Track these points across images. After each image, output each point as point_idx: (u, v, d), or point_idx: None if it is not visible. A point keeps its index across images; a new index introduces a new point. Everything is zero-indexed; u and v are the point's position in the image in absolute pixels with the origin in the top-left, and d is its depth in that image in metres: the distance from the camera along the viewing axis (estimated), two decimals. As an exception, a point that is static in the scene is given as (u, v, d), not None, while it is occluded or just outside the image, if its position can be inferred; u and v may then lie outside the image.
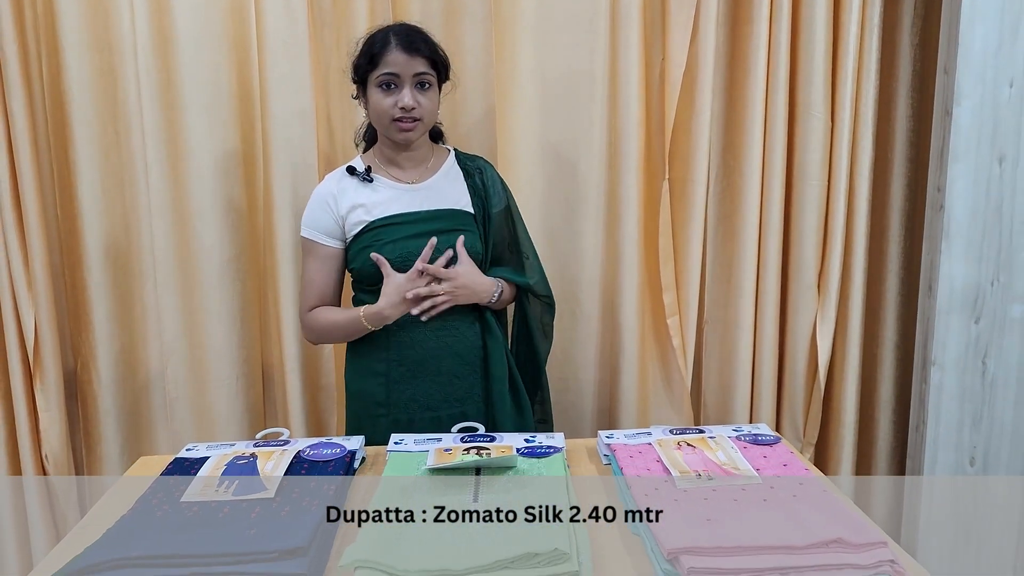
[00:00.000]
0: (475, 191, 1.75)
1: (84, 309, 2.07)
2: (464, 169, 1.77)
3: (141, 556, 1.15)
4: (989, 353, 2.01)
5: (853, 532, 1.20)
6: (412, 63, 1.62)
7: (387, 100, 1.63)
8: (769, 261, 2.17)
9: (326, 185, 1.74)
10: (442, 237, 1.69)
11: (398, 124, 1.64)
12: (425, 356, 1.72)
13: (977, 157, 1.94)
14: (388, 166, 1.74)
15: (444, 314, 1.70)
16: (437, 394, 1.74)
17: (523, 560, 1.13)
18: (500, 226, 1.79)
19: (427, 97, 1.65)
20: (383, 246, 1.68)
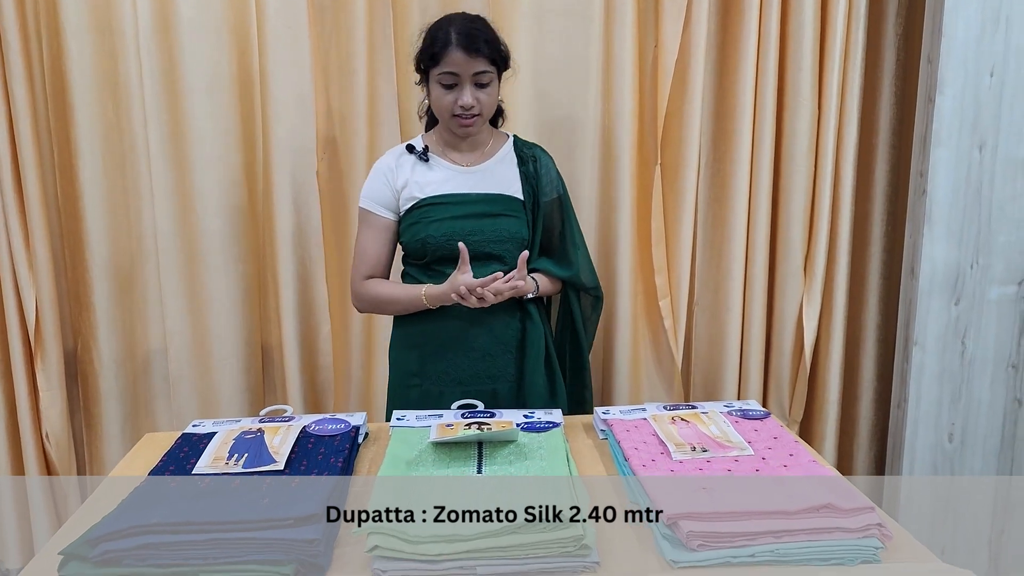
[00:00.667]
0: (527, 178, 1.79)
1: (85, 290, 2.09)
2: (519, 156, 1.80)
3: (159, 523, 1.18)
4: (968, 333, 2.08)
5: (842, 498, 1.26)
6: (472, 63, 1.64)
7: (447, 97, 1.67)
8: (757, 244, 2.23)
9: (386, 159, 1.80)
10: (487, 220, 1.74)
11: (458, 120, 1.69)
12: (460, 332, 1.77)
13: (958, 144, 2.00)
14: (446, 148, 1.79)
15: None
16: (468, 369, 1.79)
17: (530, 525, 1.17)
18: (550, 214, 1.82)
19: (486, 93, 1.68)
20: (430, 223, 1.73)
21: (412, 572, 1.15)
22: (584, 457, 1.55)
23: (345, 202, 2.19)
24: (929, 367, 2.09)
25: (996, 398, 2.11)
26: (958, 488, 2.15)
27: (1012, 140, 2.00)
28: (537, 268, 1.82)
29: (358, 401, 2.26)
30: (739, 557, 1.17)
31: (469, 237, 1.72)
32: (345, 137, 2.15)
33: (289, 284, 2.13)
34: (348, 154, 2.16)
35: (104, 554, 1.14)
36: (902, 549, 1.22)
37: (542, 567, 1.15)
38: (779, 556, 1.17)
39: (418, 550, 1.15)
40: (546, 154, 1.84)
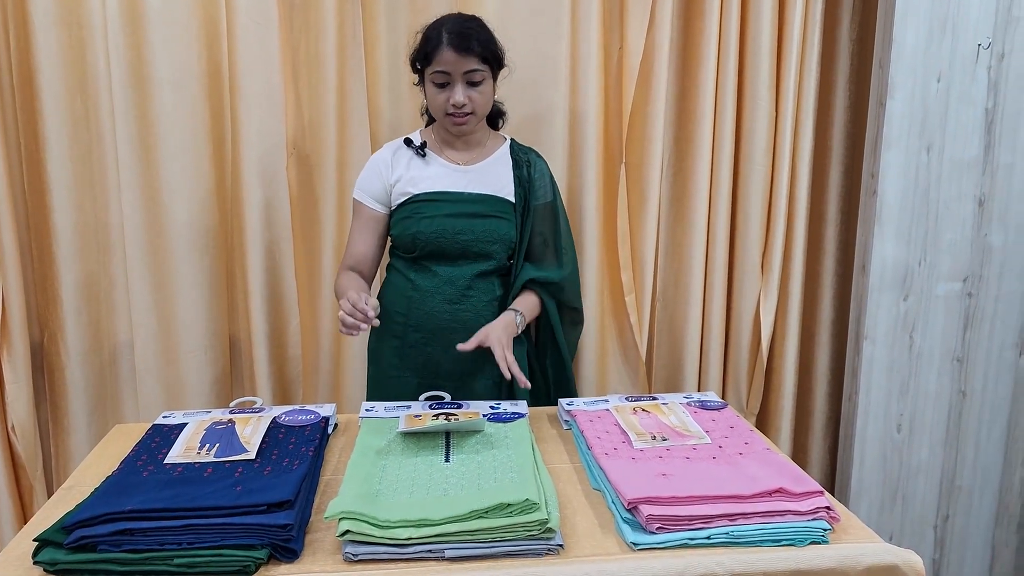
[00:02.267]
0: (520, 181, 1.82)
1: (52, 282, 2.08)
2: (515, 159, 1.84)
3: (134, 510, 1.20)
4: (916, 328, 2.16)
5: (793, 483, 1.32)
6: (463, 62, 1.68)
7: (440, 96, 1.71)
8: (717, 242, 2.28)
9: (382, 152, 1.84)
10: (478, 221, 1.78)
11: (451, 119, 1.73)
12: (440, 326, 1.80)
13: (907, 146, 2.08)
14: (443, 146, 1.83)
15: (464, 291, 1.79)
16: (445, 364, 1.82)
17: (497, 510, 1.22)
18: (541, 219, 1.85)
19: (479, 91, 1.71)
20: (422, 219, 1.77)
21: (382, 556, 1.18)
22: (549, 446, 1.60)
23: (314, 197, 2.20)
24: (879, 360, 2.17)
25: (942, 390, 2.20)
26: (906, 476, 2.23)
27: (958, 143, 2.08)
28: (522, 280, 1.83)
29: (327, 393, 2.29)
30: (696, 539, 1.22)
31: (459, 236, 1.77)
32: (314, 132, 2.17)
33: (258, 277, 2.14)
34: (317, 149, 2.18)
35: (79, 540, 1.16)
36: (849, 531, 1.28)
37: (508, 550, 1.19)
38: (734, 538, 1.23)
39: (388, 534, 1.19)
40: (542, 160, 1.88)
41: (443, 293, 1.79)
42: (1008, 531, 2.28)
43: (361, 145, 2.14)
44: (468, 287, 1.79)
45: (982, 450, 2.23)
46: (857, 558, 1.21)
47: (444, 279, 1.79)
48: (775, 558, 1.20)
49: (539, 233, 1.85)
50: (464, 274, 1.79)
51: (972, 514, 2.26)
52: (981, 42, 2.04)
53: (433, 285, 1.79)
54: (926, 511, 2.25)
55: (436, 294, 1.79)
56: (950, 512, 2.26)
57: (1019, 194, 2.11)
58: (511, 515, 1.21)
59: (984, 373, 2.20)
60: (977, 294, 2.16)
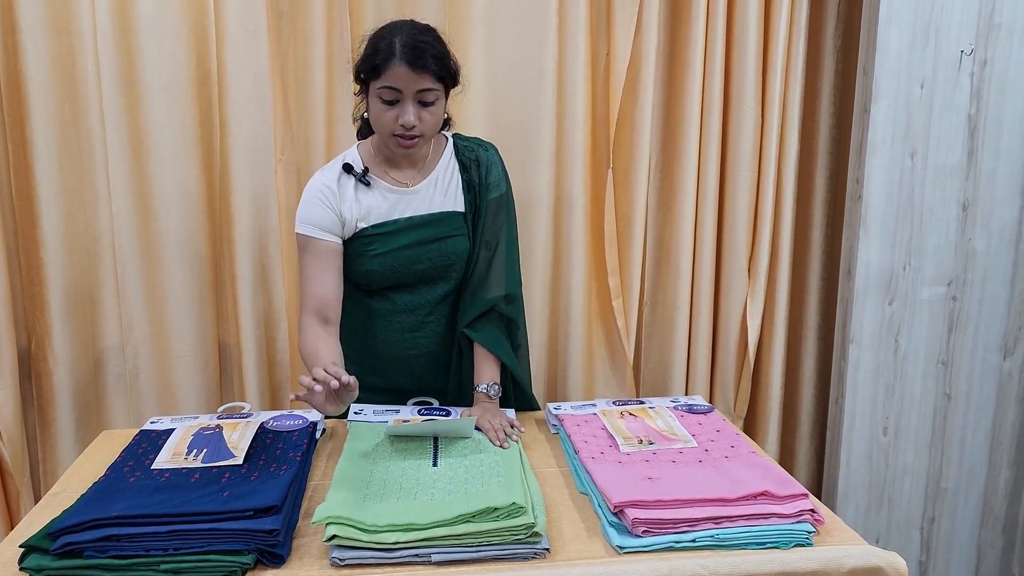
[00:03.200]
0: (469, 186, 1.68)
1: (39, 288, 2.08)
2: (461, 162, 1.69)
3: (120, 516, 1.21)
4: (901, 332, 2.18)
5: (778, 486, 1.33)
6: (417, 80, 1.50)
7: (387, 114, 1.53)
8: (704, 246, 2.30)
9: (324, 180, 1.64)
10: (432, 246, 1.66)
11: (397, 140, 1.56)
12: (399, 355, 1.73)
13: (891, 151, 2.09)
14: (385, 164, 1.66)
15: (424, 318, 1.71)
16: (407, 386, 1.77)
17: (484, 514, 1.22)
18: (494, 213, 1.71)
19: (430, 111, 1.54)
20: (374, 258, 1.65)
21: (369, 560, 1.19)
22: (536, 450, 1.61)
23: (303, 202, 2.20)
24: (865, 364, 2.18)
25: (927, 393, 2.21)
26: (892, 478, 2.24)
27: (941, 148, 2.10)
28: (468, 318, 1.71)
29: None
30: (681, 542, 1.23)
31: (415, 266, 1.67)
32: (303, 138, 2.17)
33: (247, 283, 2.14)
34: (306, 155, 2.18)
35: (65, 546, 1.16)
36: (834, 533, 1.29)
37: (495, 554, 1.20)
38: (719, 541, 1.24)
39: (375, 539, 1.19)
40: (488, 150, 1.72)
41: (402, 322, 1.71)
42: (994, 533, 2.30)
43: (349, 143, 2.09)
44: (428, 314, 1.71)
45: (967, 452, 2.25)
46: (841, 560, 1.22)
47: (402, 307, 1.70)
48: (760, 560, 1.21)
49: (485, 243, 1.70)
50: (424, 301, 1.70)
51: (958, 516, 2.28)
52: (964, 48, 2.06)
53: (391, 314, 1.71)
54: (912, 513, 2.27)
55: (394, 323, 1.71)
56: (936, 514, 2.27)
57: (1002, 199, 2.13)
58: (498, 519, 1.22)
59: (969, 376, 2.22)
60: (961, 298, 2.17)
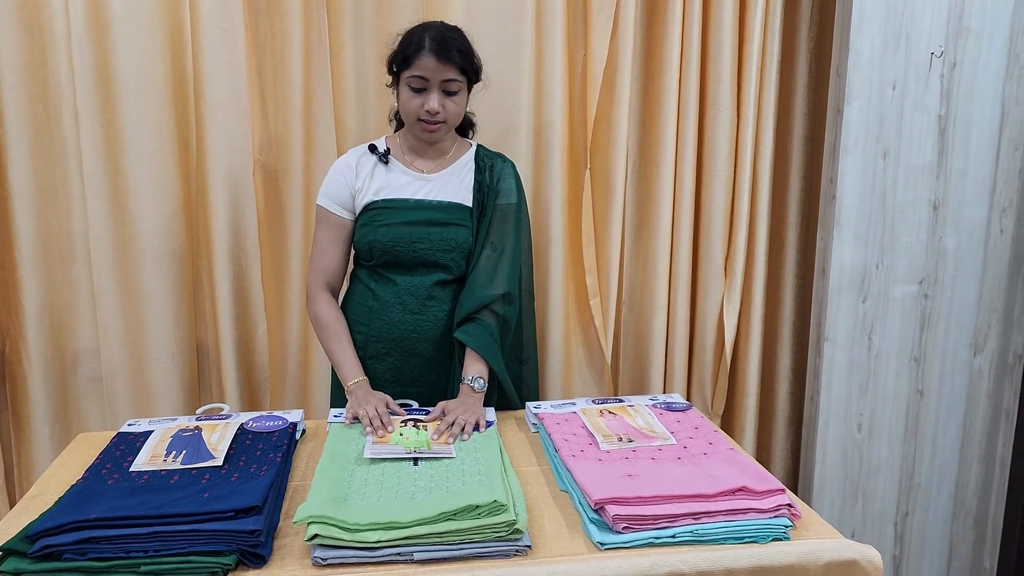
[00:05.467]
0: (480, 186, 1.80)
1: (13, 290, 2.05)
2: (478, 164, 1.82)
3: (99, 518, 1.20)
4: (874, 329, 2.21)
5: (755, 481, 1.35)
6: (442, 70, 1.66)
7: (414, 101, 1.69)
8: (681, 246, 2.32)
9: (347, 158, 1.81)
10: (436, 229, 1.76)
11: (422, 124, 1.71)
12: (401, 336, 1.79)
13: (864, 152, 2.12)
14: (409, 153, 1.81)
15: (425, 301, 1.78)
16: (408, 373, 1.82)
17: (465, 512, 1.23)
18: (501, 218, 1.80)
19: (454, 101, 1.70)
20: (379, 227, 1.75)
21: (351, 559, 1.19)
22: (516, 449, 1.62)
23: (281, 203, 2.20)
24: (839, 361, 2.21)
25: (900, 390, 2.25)
26: (866, 474, 2.27)
27: (912, 149, 2.13)
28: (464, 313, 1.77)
29: (295, 400, 2.28)
30: (661, 538, 1.24)
31: (415, 244, 1.75)
32: (281, 138, 2.16)
33: (224, 283, 2.13)
34: (284, 155, 2.17)
35: (44, 549, 1.15)
36: (811, 528, 1.31)
37: (477, 551, 1.21)
38: (698, 536, 1.25)
39: (357, 538, 1.20)
40: (506, 162, 1.85)
41: (403, 303, 1.78)
42: (965, 527, 2.34)
43: (327, 151, 2.14)
44: (428, 296, 1.78)
45: (939, 448, 2.29)
46: (817, 554, 1.24)
47: (404, 289, 1.78)
48: (738, 555, 1.23)
49: (491, 244, 1.80)
50: (423, 283, 1.78)
51: (930, 510, 2.32)
52: (934, 51, 2.10)
53: (393, 295, 1.79)
54: (886, 508, 2.30)
55: (396, 304, 1.79)
56: (909, 508, 2.31)
57: (971, 198, 2.17)
58: (479, 517, 1.22)
59: (940, 373, 2.25)
60: (933, 296, 2.21)
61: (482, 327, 1.77)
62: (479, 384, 1.74)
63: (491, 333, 1.78)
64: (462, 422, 1.62)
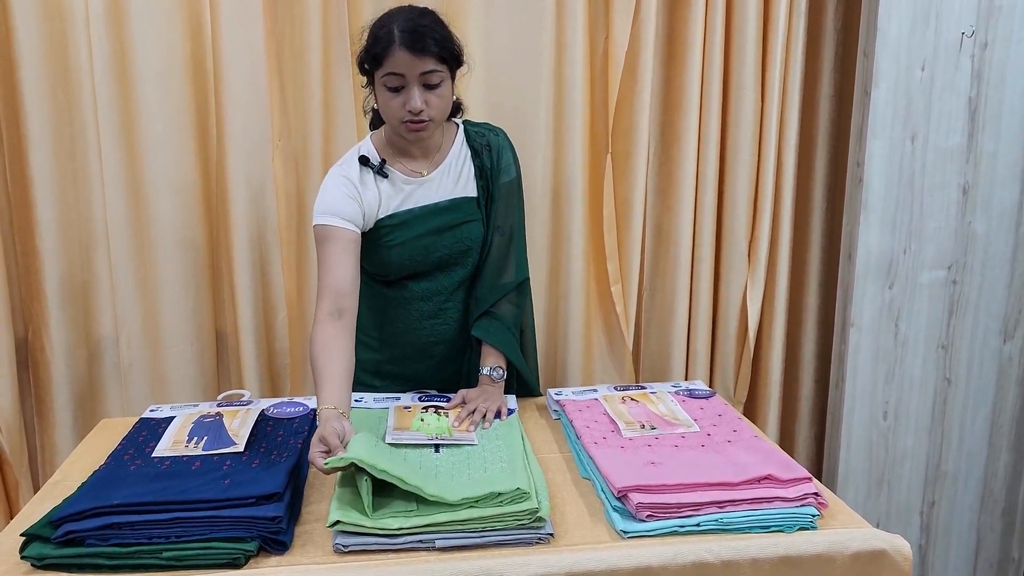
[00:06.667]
0: (482, 172, 1.69)
1: (36, 276, 2.06)
2: (473, 148, 1.70)
3: (122, 504, 1.20)
4: (901, 316, 2.17)
5: (781, 470, 1.33)
6: (418, 63, 1.49)
7: (394, 102, 1.53)
8: (704, 231, 2.28)
9: (343, 172, 1.63)
10: (447, 234, 1.67)
11: (407, 126, 1.54)
12: (417, 342, 1.74)
13: (892, 135, 2.08)
14: (399, 156, 1.66)
15: (442, 305, 1.72)
16: (425, 373, 1.77)
17: (487, 499, 1.22)
18: (506, 197, 1.72)
19: (437, 95, 1.53)
20: (391, 248, 1.65)
21: (372, 546, 1.19)
22: (538, 436, 1.61)
23: (301, 188, 2.19)
24: (865, 348, 2.17)
25: (927, 377, 2.21)
26: (892, 462, 2.24)
27: (941, 131, 2.09)
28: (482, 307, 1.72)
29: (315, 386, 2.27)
30: (685, 526, 1.23)
31: (431, 255, 1.67)
32: (300, 124, 2.15)
33: (244, 270, 2.13)
34: (304, 141, 2.16)
35: (67, 534, 1.16)
36: (837, 517, 1.29)
37: (499, 539, 1.20)
38: (723, 524, 1.24)
39: (378, 524, 1.19)
40: (498, 135, 1.73)
41: (419, 310, 1.72)
42: (993, 516, 2.31)
43: (347, 136, 2.12)
44: (446, 300, 1.72)
45: (967, 436, 2.25)
46: (845, 543, 1.23)
47: (419, 295, 1.71)
48: (764, 544, 1.21)
49: (499, 228, 1.71)
50: (440, 288, 1.71)
51: (957, 500, 2.28)
52: (964, 31, 2.05)
53: (407, 301, 1.71)
54: (912, 497, 2.27)
55: (411, 311, 1.72)
56: (936, 498, 2.28)
57: (1002, 181, 2.13)
58: (501, 504, 1.22)
59: (968, 360, 2.21)
60: (961, 281, 2.17)
61: (499, 321, 1.73)
62: (498, 374, 1.71)
63: (508, 327, 1.74)
64: (483, 410, 1.61)
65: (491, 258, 1.72)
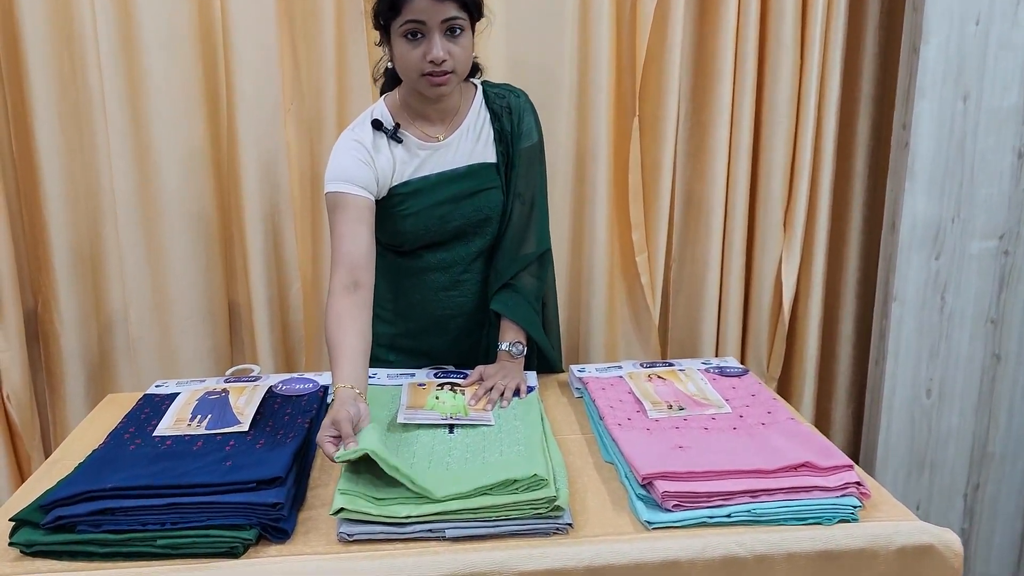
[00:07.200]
0: (501, 136, 1.61)
1: (44, 248, 2.02)
2: (492, 111, 1.61)
3: (115, 487, 1.15)
4: (948, 288, 2.06)
5: (820, 456, 1.24)
6: (440, 8, 1.41)
7: (414, 52, 1.44)
8: (737, 199, 2.18)
9: (356, 136, 1.55)
10: (466, 202, 1.59)
11: (428, 79, 1.45)
12: (433, 315, 1.68)
13: (942, 95, 1.96)
14: (415, 119, 1.58)
15: (459, 276, 1.65)
16: (441, 347, 1.71)
17: (502, 486, 1.15)
18: (529, 163, 1.64)
19: (459, 44, 1.44)
20: (405, 218, 1.57)
21: (379, 535, 1.12)
22: (558, 415, 1.54)
23: (314, 155, 2.12)
24: (908, 323, 2.07)
25: (975, 353, 2.10)
26: (935, 443, 2.15)
27: (996, 91, 1.96)
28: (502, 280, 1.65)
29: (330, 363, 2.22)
30: (716, 517, 1.15)
31: (448, 224, 1.60)
32: (313, 89, 2.07)
33: (256, 241, 2.07)
34: (317, 105, 2.08)
35: (57, 520, 1.11)
36: (881, 508, 1.21)
37: (513, 529, 1.13)
38: (756, 516, 1.16)
39: (386, 512, 1.13)
40: (519, 96, 1.65)
41: (435, 281, 1.65)
42: (1041, 499, 2.21)
43: (363, 100, 2.03)
44: (464, 271, 1.65)
45: (1016, 416, 2.14)
46: (890, 537, 1.14)
47: (436, 265, 1.64)
48: (800, 538, 1.13)
49: (519, 195, 1.63)
50: (458, 258, 1.64)
51: (1004, 483, 2.19)
52: (1023, -20, 1.91)
53: (424, 272, 1.65)
54: (955, 480, 2.18)
55: (428, 283, 1.65)
56: (981, 481, 2.18)
57: (1061, 145, 1.99)
58: (517, 492, 1.15)
59: (1020, 335, 2.10)
60: (1014, 252, 2.05)
61: (519, 295, 1.65)
62: (517, 349, 1.64)
63: (528, 300, 1.66)
64: (501, 387, 1.54)
65: (511, 228, 1.65)
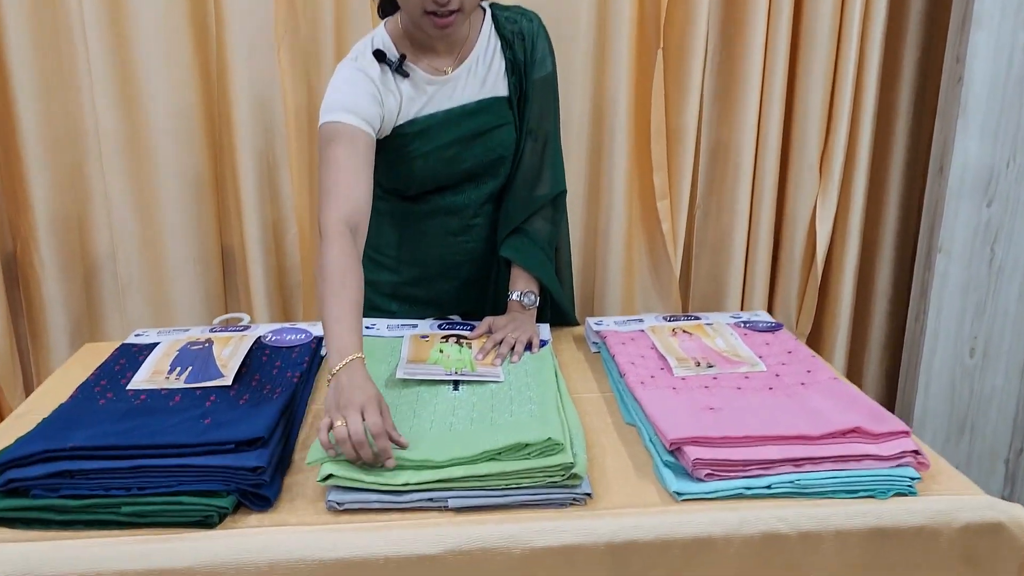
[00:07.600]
0: (514, 67, 1.49)
1: (22, 187, 1.92)
2: (503, 37, 1.48)
3: (77, 447, 1.04)
4: (999, 239, 1.95)
5: (872, 421, 1.13)
6: None
7: None
8: (769, 139, 2.07)
9: (359, 66, 1.41)
10: (477, 142, 1.48)
11: (431, 19, 1.33)
12: (441, 261, 1.58)
13: (1000, 25, 1.83)
14: (418, 50, 1.45)
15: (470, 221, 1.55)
16: (447, 296, 1.61)
17: (512, 451, 1.05)
18: (542, 94, 1.52)
19: None
20: (413, 160, 1.45)
21: (373, 504, 1.02)
22: (574, 372, 1.44)
23: (310, 88, 2.00)
24: (954, 276, 1.97)
25: None
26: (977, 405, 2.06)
27: (1063, 20, 1.82)
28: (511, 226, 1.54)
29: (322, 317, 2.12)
30: (753, 488, 1.04)
31: (459, 166, 1.49)
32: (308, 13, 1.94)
33: (250, 181, 1.96)
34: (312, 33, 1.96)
35: (8, 484, 1.00)
36: (940, 480, 1.10)
37: (525, 499, 1.02)
38: (800, 487, 1.04)
39: (380, 479, 1.02)
40: (532, 20, 1.52)
41: (444, 225, 1.55)
42: (1086, 465, 2.10)
43: (362, 26, 1.91)
44: (474, 215, 1.55)
45: (1065, 377, 2.03)
46: (952, 514, 1.02)
47: (445, 209, 1.54)
48: (851, 512, 1.02)
49: (531, 132, 1.52)
50: (469, 201, 1.53)
51: (1048, 447, 2.09)
52: None
53: (432, 216, 1.54)
54: (997, 444, 2.09)
55: (436, 227, 1.55)
56: (1024, 445, 2.08)
57: None
58: (529, 457, 1.04)
59: (1074, 291, 1.98)
60: (1073, 200, 1.93)
61: (531, 240, 1.54)
62: (529, 299, 1.52)
63: (541, 246, 1.55)
64: (511, 340, 1.42)
65: (523, 167, 1.53)
